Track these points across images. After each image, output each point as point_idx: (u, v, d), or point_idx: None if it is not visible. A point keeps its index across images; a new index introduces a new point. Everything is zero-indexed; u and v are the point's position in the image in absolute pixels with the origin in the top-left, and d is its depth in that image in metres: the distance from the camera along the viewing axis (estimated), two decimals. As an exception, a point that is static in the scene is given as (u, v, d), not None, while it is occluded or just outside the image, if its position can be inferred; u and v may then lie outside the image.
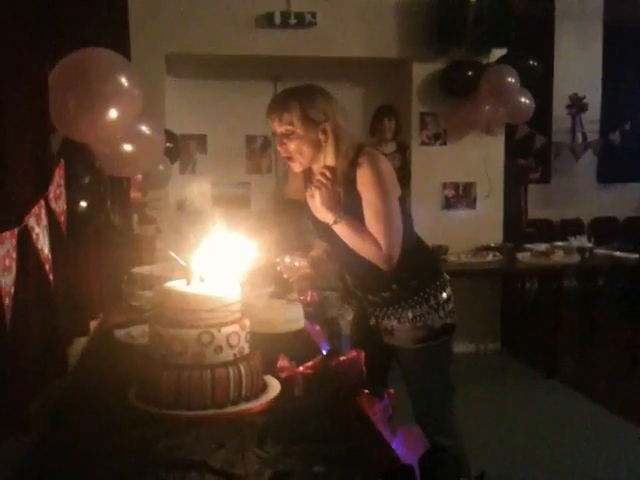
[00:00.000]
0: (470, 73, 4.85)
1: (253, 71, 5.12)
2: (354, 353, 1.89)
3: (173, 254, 1.90)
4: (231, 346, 1.63)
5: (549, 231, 7.52)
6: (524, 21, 5.47)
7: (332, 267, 2.47)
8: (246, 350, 1.68)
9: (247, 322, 1.72)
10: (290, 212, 5.00)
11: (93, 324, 2.46)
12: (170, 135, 4.44)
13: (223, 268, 1.79)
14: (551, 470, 3.34)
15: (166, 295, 1.68)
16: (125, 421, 1.57)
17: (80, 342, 2.23)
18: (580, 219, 7.81)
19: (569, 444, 3.61)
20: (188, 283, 1.70)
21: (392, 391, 1.79)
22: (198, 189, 5.15)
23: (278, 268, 2.62)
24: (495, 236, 5.25)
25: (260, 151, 5.28)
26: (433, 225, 5.04)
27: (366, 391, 1.75)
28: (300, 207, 2.51)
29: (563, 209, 7.71)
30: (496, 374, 4.83)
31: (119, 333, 2.33)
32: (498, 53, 5.06)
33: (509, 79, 4.63)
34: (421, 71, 5.04)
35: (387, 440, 1.46)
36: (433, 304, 2.29)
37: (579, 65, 7.68)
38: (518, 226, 5.86)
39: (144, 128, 2.05)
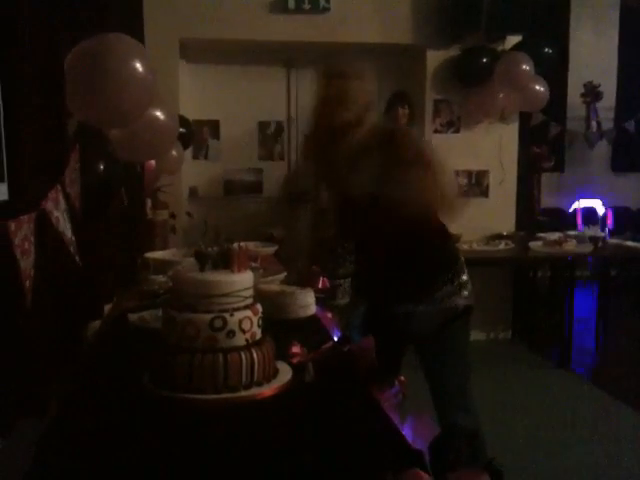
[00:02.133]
0: (484, 60, 4.82)
1: (267, 57, 5.11)
2: (365, 341, 1.91)
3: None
4: (243, 331, 1.64)
5: (562, 219, 7.49)
6: (540, 7, 5.42)
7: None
8: (258, 335, 1.69)
9: (259, 307, 1.73)
10: (301, 204, 5.04)
11: (107, 308, 2.49)
12: (183, 120, 4.45)
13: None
14: (558, 458, 3.35)
15: (179, 280, 1.70)
16: (139, 404, 1.60)
17: (94, 325, 2.26)
18: (594, 209, 7.75)
19: (577, 433, 3.62)
20: (202, 269, 1.71)
21: (403, 378, 1.81)
22: (210, 175, 5.16)
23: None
24: (507, 225, 5.23)
25: (273, 137, 5.27)
26: (445, 213, 5.02)
27: (377, 378, 1.78)
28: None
29: (577, 198, 7.65)
30: (506, 362, 4.83)
31: (133, 317, 2.36)
32: (513, 40, 5.01)
33: (523, 66, 4.59)
34: (435, 58, 5.01)
35: (397, 426, 1.47)
36: (456, 285, 2.38)
37: (595, 52, 7.61)
38: (531, 215, 5.83)
39: (158, 114, 2.06)
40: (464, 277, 2.40)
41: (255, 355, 1.64)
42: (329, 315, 2.65)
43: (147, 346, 1.80)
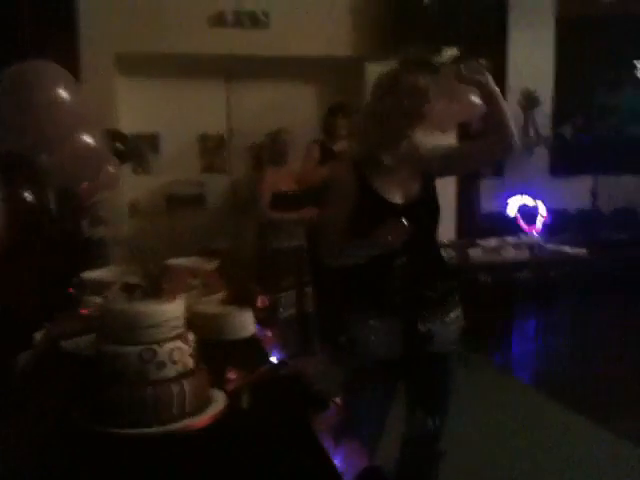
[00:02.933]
0: (422, 73, 4.87)
1: (206, 69, 5.09)
2: (299, 363, 1.92)
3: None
4: (174, 362, 1.62)
5: (503, 224, 7.65)
6: (477, 18, 5.53)
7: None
8: (190, 365, 1.67)
9: (191, 336, 1.71)
10: (250, 214, 5.00)
11: (38, 335, 2.41)
12: (120, 136, 4.40)
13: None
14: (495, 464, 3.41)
15: (106, 312, 1.67)
16: (67, 440, 1.56)
17: (25, 356, 2.19)
18: (534, 213, 7.95)
19: (516, 437, 3.70)
20: (130, 298, 1.69)
21: (339, 400, 1.81)
22: (151, 189, 5.10)
23: None
24: (448, 233, 5.32)
25: (214, 150, 5.24)
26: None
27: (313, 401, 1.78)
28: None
29: (516, 202, 7.82)
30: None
31: (65, 344, 2.29)
32: (452, 52, 5.10)
33: (460, 79, 4.66)
34: (374, 70, 5.02)
35: (327, 454, 1.48)
36: (461, 304, 2.32)
37: (532, 60, 7.79)
38: (472, 221, 5.94)
39: (86, 137, 2.01)
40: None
41: (186, 386, 1.62)
42: (269, 334, 2.64)
43: (78, 376, 1.77)
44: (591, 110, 7.62)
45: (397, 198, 2.20)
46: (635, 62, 7.49)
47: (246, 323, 2.45)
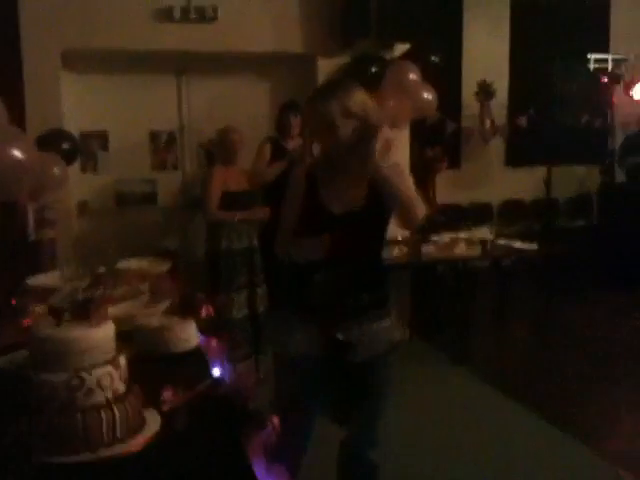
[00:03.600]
0: (374, 68, 4.88)
1: (155, 65, 5.00)
2: (238, 380, 1.91)
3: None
4: (103, 388, 1.60)
5: (459, 215, 7.73)
6: (432, 10, 5.54)
7: None
8: (121, 390, 1.65)
9: (122, 361, 1.68)
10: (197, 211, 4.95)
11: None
12: (66, 136, 4.32)
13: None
14: (447, 459, 3.46)
15: (33, 337, 1.63)
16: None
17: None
18: (489, 203, 8.06)
19: (470, 433, 3.75)
20: (58, 323, 1.65)
21: (276, 419, 1.81)
22: (100, 188, 5.01)
23: None
24: (401, 229, 5.31)
25: (165, 147, 5.17)
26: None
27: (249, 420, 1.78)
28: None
29: (473, 193, 7.93)
30: (404, 361, 4.92)
31: (1, 361, 2.23)
32: (402, 48, 5.10)
33: (411, 75, 4.69)
34: (326, 66, 5.04)
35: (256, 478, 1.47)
36: (396, 318, 2.33)
37: (487, 52, 7.86)
38: (426, 216, 5.96)
39: (14, 152, 1.96)
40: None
41: (117, 411, 1.60)
42: (214, 343, 2.62)
43: (12, 400, 1.72)
44: (545, 100, 7.72)
45: (336, 207, 2.19)
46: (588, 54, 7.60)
47: (189, 336, 2.42)
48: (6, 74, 3.91)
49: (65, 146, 4.29)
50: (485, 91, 7.60)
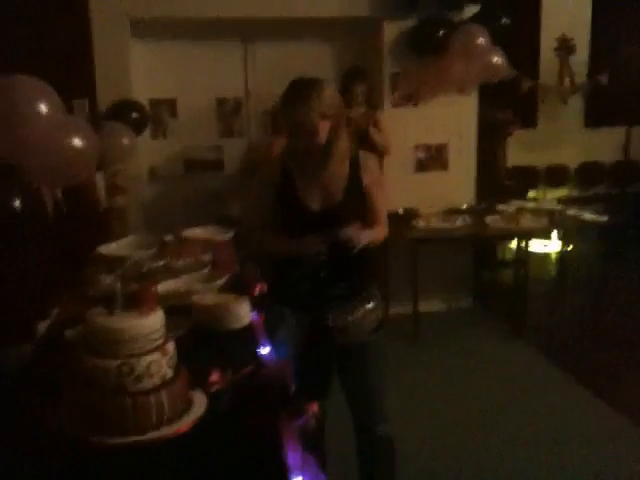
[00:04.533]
0: (441, 31, 4.75)
1: (222, 32, 5.02)
2: (279, 365, 1.98)
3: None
4: (151, 375, 1.69)
5: (533, 178, 7.52)
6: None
7: None
8: (168, 375, 1.74)
9: (170, 347, 1.78)
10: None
11: (42, 325, 2.51)
12: (135, 105, 4.44)
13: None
14: (496, 429, 3.53)
15: (87, 326, 1.74)
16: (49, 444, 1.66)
17: (23, 348, 2.27)
18: (566, 165, 7.79)
19: (521, 405, 3.78)
20: (111, 312, 1.75)
21: (316, 406, 1.88)
22: (170, 154, 5.14)
23: None
24: (468, 197, 5.26)
25: (232, 114, 5.22)
26: (405, 188, 5.05)
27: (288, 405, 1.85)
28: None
29: (549, 154, 7.67)
30: (465, 331, 4.95)
31: (69, 333, 2.36)
32: (473, 9, 4.93)
33: (479, 39, 4.54)
34: (392, 29, 4.94)
35: (286, 469, 1.54)
36: (379, 297, 2.46)
37: (568, 6, 7.49)
38: (495, 182, 5.85)
39: (75, 142, 2.05)
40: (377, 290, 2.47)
41: (164, 396, 1.70)
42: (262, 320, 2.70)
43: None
44: (628, 58, 7.33)
45: (315, 204, 2.27)
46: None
47: (242, 313, 2.50)
48: (76, 45, 4.03)
49: (134, 115, 4.43)
50: (565, 47, 7.28)
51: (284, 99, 2.24)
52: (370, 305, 2.39)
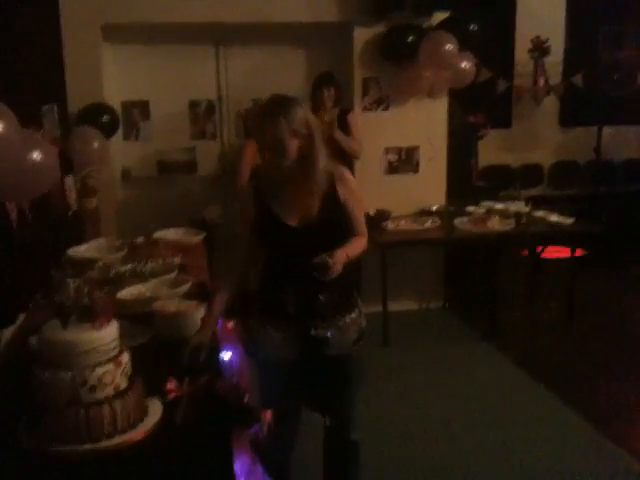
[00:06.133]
0: (410, 38, 4.82)
1: (194, 36, 5.05)
2: (236, 379, 2.04)
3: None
4: (104, 385, 1.75)
5: (507, 177, 7.61)
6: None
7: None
8: (122, 385, 1.80)
9: (124, 358, 1.83)
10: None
11: (6, 332, 2.55)
12: (105, 109, 4.46)
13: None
14: (455, 432, 3.59)
15: (41, 340, 1.80)
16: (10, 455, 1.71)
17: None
18: (540, 164, 7.90)
19: (487, 409, 3.85)
20: (64, 326, 1.80)
21: (268, 415, 1.94)
22: (143, 156, 5.17)
23: None
24: (438, 198, 5.34)
25: (204, 116, 5.26)
26: (376, 190, 5.12)
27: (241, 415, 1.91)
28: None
29: (524, 154, 7.78)
30: (433, 333, 5.03)
31: (33, 340, 2.39)
32: (441, 16, 5.00)
33: (447, 45, 4.61)
34: (362, 35, 5.00)
35: (233, 476, 1.61)
36: (361, 307, 2.50)
37: (543, 7, 7.58)
38: (467, 184, 5.93)
39: (34, 156, 2.09)
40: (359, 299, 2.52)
41: (117, 406, 1.76)
42: (229, 325, 2.76)
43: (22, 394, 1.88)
44: (599, 62, 7.45)
45: (292, 220, 2.31)
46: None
47: (204, 320, 2.56)
48: (47, 49, 4.04)
49: (105, 119, 4.46)
50: (539, 48, 7.37)
51: (257, 113, 2.32)
52: (353, 315, 2.43)
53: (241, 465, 1.68)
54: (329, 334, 2.34)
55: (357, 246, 2.38)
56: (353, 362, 2.47)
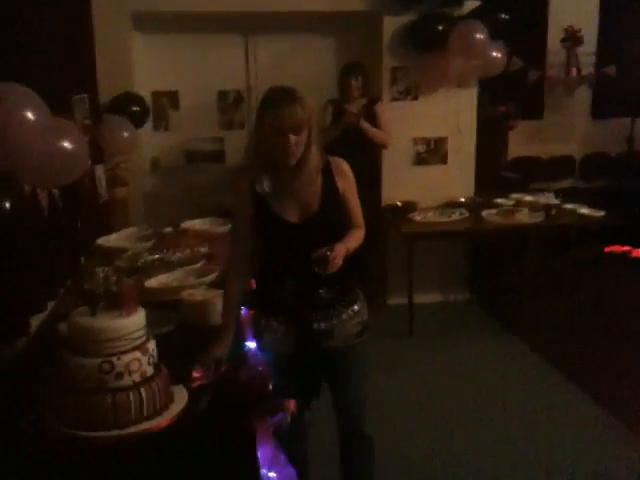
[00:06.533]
0: (440, 26, 4.77)
1: (223, 25, 5.06)
2: (260, 363, 2.05)
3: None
4: (131, 372, 1.77)
5: (537, 169, 7.51)
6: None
7: None
8: (148, 373, 1.82)
9: (151, 346, 1.85)
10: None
11: (39, 318, 2.59)
12: (135, 98, 4.50)
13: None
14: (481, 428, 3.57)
15: (70, 325, 1.82)
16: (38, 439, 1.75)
17: (18, 343, 2.36)
18: (572, 156, 7.78)
19: (510, 400, 3.83)
20: (93, 313, 1.83)
21: (293, 404, 1.95)
22: (172, 146, 5.21)
23: None
24: (466, 190, 5.29)
25: (233, 106, 5.28)
26: (403, 181, 5.10)
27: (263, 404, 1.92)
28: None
29: (555, 146, 7.66)
30: (460, 325, 5.01)
31: (62, 327, 2.43)
32: (472, 4, 4.94)
33: (477, 34, 4.56)
34: (392, 24, 4.96)
35: (257, 463, 1.62)
36: (363, 299, 2.48)
37: (575, -3, 7.45)
38: (495, 176, 5.87)
39: (65, 144, 2.12)
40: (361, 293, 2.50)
41: (143, 393, 1.78)
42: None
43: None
44: (632, 51, 7.29)
45: (292, 216, 2.28)
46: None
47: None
48: (77, 38, 4.07)
49: (134, 109, 4.50)
50: (572, 38, 7.24)
51: (270, 102, 2.18)
52: (355, 307, 2.42)
53: (264, 453, 1.69)
54: (331, 327, 2.34)
55: (356, 238, 2.37)
56: (356, 355, 2.44)
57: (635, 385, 3.96)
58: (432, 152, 5.22)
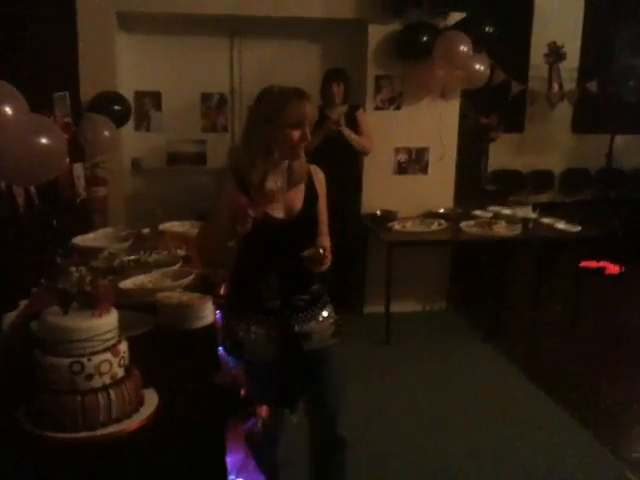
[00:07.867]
0: (425, 37, 4.80)
1: (209, 28, 5.05)
2: (234, 372, 2.05)
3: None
4: (101, 374, 1.75)
5: (517, 182, 7.59)
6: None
7: None
8: (119, 375, 1.80)
9: (122, 348, 1.83)
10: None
11: (7, 318, 2.56)
12: (117, 98, 4.47)
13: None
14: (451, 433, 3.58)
15: (42, 325, 1.80)
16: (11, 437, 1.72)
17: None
18: (551, 170, 7.87)
19: (486, 410, 3.85)
20: (65, 312, 1.81)
21: (264, 410, 1.94)
22: (153, 147, 5.18)
23: None
24: (446, 201, 5.32)
25: (216, 109, 5.27)
26: (384, 190, 5.11)
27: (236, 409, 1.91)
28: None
29: (535, 159, 7.75)
30: (437, 334, 5.03)
31: (34, 325, 2.40)
32: (457, 16, 4.98)
33: (461, 46, 4.60)
34: (377, 33, 4.98)
35: (225, 470, 1.61)
36: (330, 303, 2.51)
37: (560, 12, 7.55)
38: (475, 187, 5.92)
39: (42, 141, 2.10)
40: None
41: (113, 395, 1.76)
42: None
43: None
44: (613, 69, 7.39)
45: (278, 214, 2.30)
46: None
47: (205, 313, 2.56)
48: (61, 36, 4.05)
49: (116, 108, 4.47)
50: (555, 53, 7.34)
51: (287, 96, 2.19)
52: (328, 310, 2.46)
53: (234, 459, 1.68)
54: (309, 329, 2.37)
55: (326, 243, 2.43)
56: (334, 356, 2.48)
57: (612, 393, 4.02)
58: (413, 162, 5.24)
